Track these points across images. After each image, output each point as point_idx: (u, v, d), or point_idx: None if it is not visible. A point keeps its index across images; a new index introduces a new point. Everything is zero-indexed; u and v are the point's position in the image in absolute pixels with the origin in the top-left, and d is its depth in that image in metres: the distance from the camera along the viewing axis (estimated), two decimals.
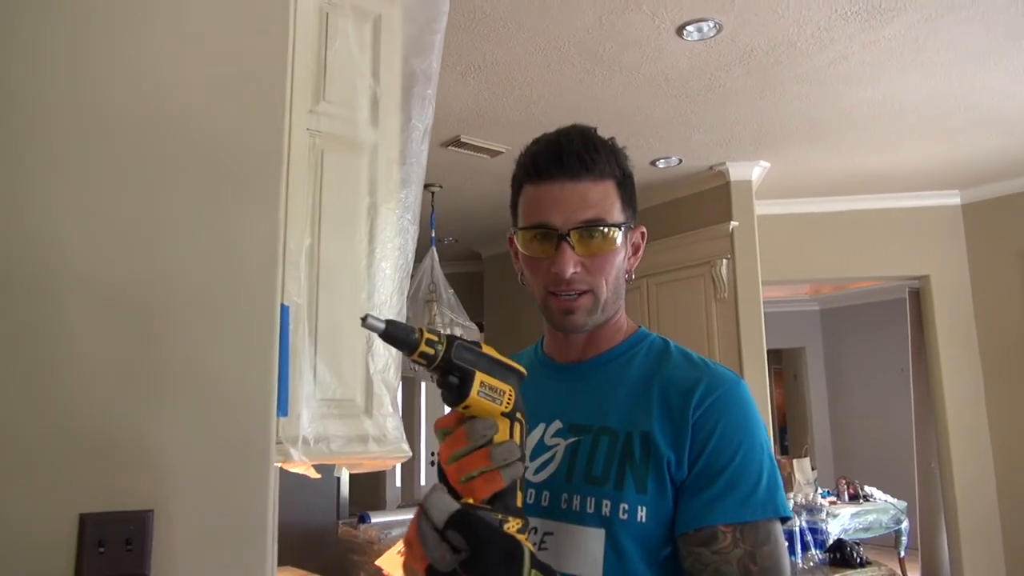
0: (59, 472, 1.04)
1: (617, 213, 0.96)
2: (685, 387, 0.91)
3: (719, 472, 0.86)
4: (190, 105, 1.21)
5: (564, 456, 0.93)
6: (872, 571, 2.40)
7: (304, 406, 1.40)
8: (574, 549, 0.88)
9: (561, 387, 1.01)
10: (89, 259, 1.09)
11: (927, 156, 4.33)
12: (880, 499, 6.41)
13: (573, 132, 0.98)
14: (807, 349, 9.36)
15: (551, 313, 0.96)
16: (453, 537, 0.69)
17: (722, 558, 0.84)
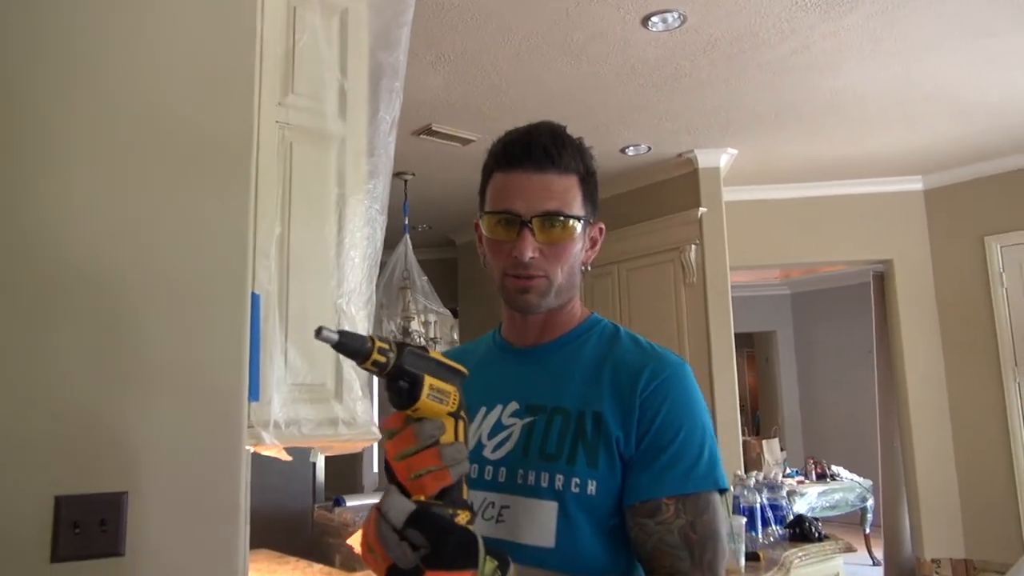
0: (34, 455, 1.07)
1: (578, 207, 1.01)
2: (633, 370, 0.97)
3: (663, 449, 0.93)
4: (159, 98, 1.24)
5: (520, 435, 0.99)
6: (829, 544, 2.50)
7: (275, 391, 1.44)
8: (529, 520, 0.93)
9: (518, 370, 1.06)
10: (63, 250, 1.12)
11: (890, 143, 4.44)
12: (847, 478, 6.59)
13: (543, 127, 1.04)
14: (778, 333, 9.53)
15: (508, 293, 1.01)
16: (412, 535, 0.73)
17: (665, 528, 0.91)
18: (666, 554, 0.90)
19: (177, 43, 1.26)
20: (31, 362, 1.08)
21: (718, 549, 0.92)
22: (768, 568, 2.13)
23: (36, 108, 1.13)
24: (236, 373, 1.27)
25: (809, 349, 9.32)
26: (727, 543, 0.98)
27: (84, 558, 1.09)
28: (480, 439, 1.01)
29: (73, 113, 1.15)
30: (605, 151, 4.42)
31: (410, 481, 0.79)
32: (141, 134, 1.21)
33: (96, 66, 1.18)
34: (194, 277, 1.24)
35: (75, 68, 1.16)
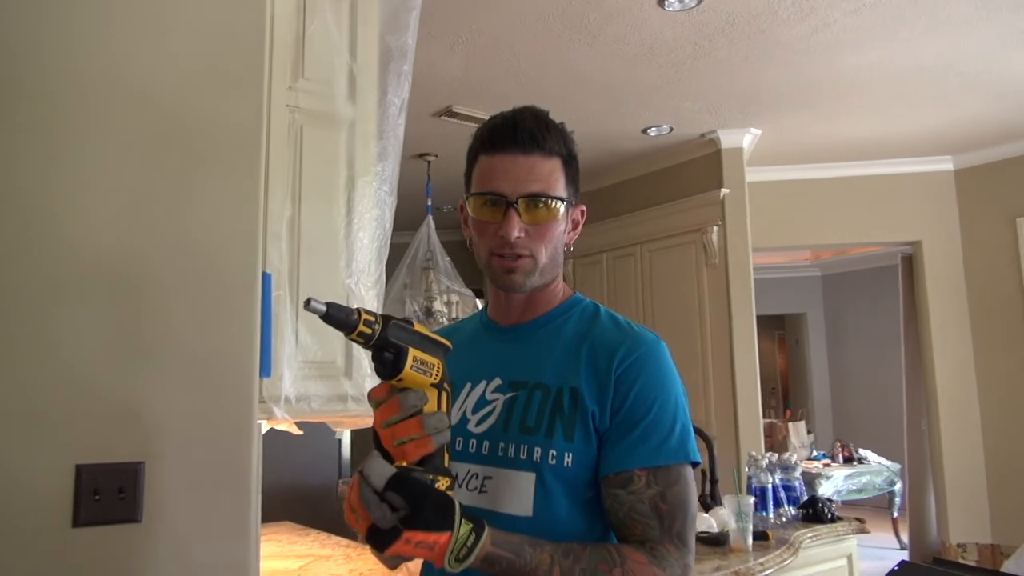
0: (57, 427, 1.14)
1: (561, 189, 1.05)
2: (610, 348, 1.01)
3: (636, 423, 0.96)
4: (172, 84, 1.28)
5: (503, 409, 1.03)
6: (842, 525, 2.50)
7: (286, 367, 1.50)
8: (509, 490, 0.98)
9: (502, 347, 1.10)
10: (82, 234, 1.18)
11: (919, 122, 4.36)
12: (874, 461, 6.54)
13: (527, 111, 1.07)
14: (808, 315, 9.42)
15: (494, 272, 1.05)
16: (392, 498, 0.78)
17: (636, 498, 0.94)
18: (637, 523, 0.94)
19: (189, 30, 1.31)
20: (53, 340, 1.14)
21: (687, 519, 0.96)
22: (777, 547, 2.15)
23: (51, 94, 1.18)
24: (248, 350, 1.32)
25: (840, 331, 9.22)
26: (696, 514, 1.01)
27: (103, 523, 1.15)
28: (465, 413, 1.05)
29: (87, 98, 1.20)
30: (626, 132, 4.41)
31: (394, 448, 0.83)
32: (154, 119, 1.26)
33: (108, 52, 1.23)
34: (207, 257, 1.29)
35: (93, 61, 1.21)
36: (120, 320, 1.20)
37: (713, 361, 4.54)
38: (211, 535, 1.25)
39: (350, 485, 0.81)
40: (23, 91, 1.16)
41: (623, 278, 5.13)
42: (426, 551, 0.79)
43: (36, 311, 1.14)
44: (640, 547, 0.92)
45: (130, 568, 1.17)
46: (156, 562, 1.19)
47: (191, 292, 1.26)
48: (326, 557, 2.07)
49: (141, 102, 1.25)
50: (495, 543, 0.85)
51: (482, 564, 0.83)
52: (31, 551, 1.10)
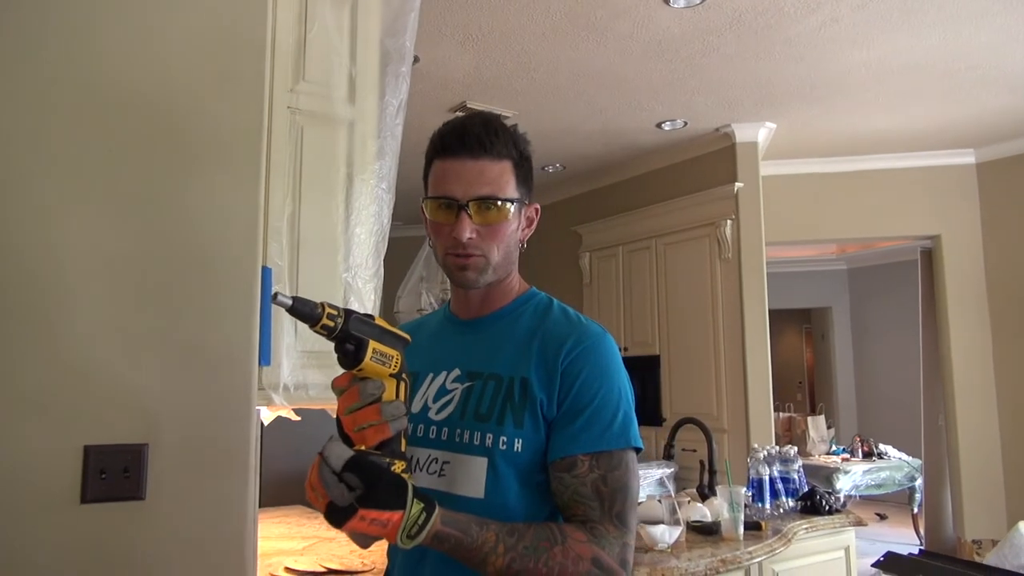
0: (66, 411, 1.22)
1: (512, 190, 1.10)
2: (558, 340, 1.07)
3: (580, 411, 1.02)
4: (176, 86, 1.35)
5: (460, 398, 1.09)
6: (839, 518, 2.52)
7: (285, 357, 1.57)
8: (464, 474, 1.04)
9: (461, 339, 1.16)
10: (89, 230, 1.26)
11: (935, 115, 4.33)
12: (895, 457, 6.49)
13: (477, 117, 1.13)
14: (834, 308, 9.34)
15: (449, 270, 1.11)
16: (349, 478, 0.84)
17: (579, 481, 1.01)
18: (579, 504, 1.00)
19: (193, 35, 1.37)
20: (63, 331, 1.22)
21: (627, 501, 1.02)
22: (769, 537, 2.18)
23: (55, 96, 1.25)
24: (247, 339, 1.39)
25: (865, 325, 9.12)
26: (638, 497, 1.07)
27: (109, 500, 1.23)
28: (427, 402, 1.12)
29: (91, 99, 1.28)
30: (641, 126, 4.44)
31: (354, 432, 0.90)
32: (159, 122, 1.33)
33: (116, 58, 1.30)
34: (210, 254, 1.36)
35: (93, 56, 1.28)
36: (125, 312, 1.27)
37: (726, 355, 4.56)
38: (210, 513, 1.32)
39: (312, 465, 0.88)
40: (25, 92, 1.23)
41: (638, 271, 5.16)
42: (379, 528, 0.85)
43: (46, 303, 1.21)
44: (581, 526, 0.99)
45: (134, 542, 1.25)
46: (159, 536, 1.27)
47: (194, 285, 1.33)
48: (330, 539, 2.15)
49: (146, 103, 1.32)
50: (444, 522, 0.91)
51: (432, 541, 0.90)
52: (43, 526, 1.18)
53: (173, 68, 1.35)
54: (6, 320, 1.19)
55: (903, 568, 1.76)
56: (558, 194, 5.84)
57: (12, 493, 1.17)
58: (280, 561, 1.86)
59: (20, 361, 1.19)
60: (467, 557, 0.93)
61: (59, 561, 1.19)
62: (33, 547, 1.18)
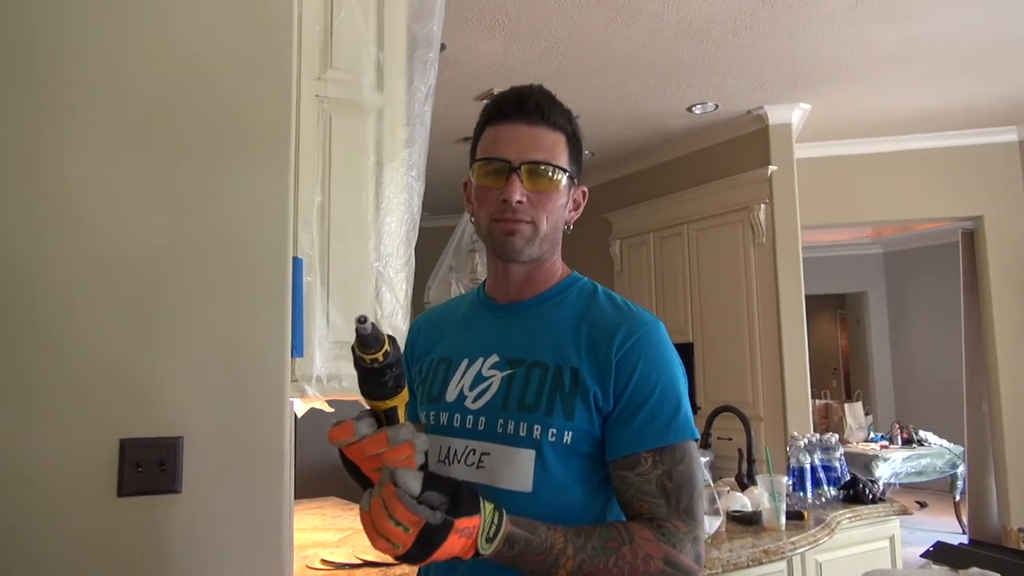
0: (101, 404, 1.22)
1: (564, 161, 1.06)
2: (609, 330, 1.02)
3: (640, 406, 0.98)
4: (204, 76, 1.34)
5: (500, 386, 1.04)
6: (883, 507, 2.46)
7: (317, 348, 1.56)
8: (508, 467, 1.00)
9: (499, 324, 1.11)
10: (121, 223, 1.25)
11: (976, 92, 4.19)
12: (936, 444, 6.36)
13: (535, 87, 1.09)
14: (869, 293, 9.16)
15: (494, 238, 1.05)
16: (430, 497, 0.81)
17: (643, 479, 0.97)
18: (644, 502, 0.96)
19: (220, 24, 1.36)
20: (94, 321, 1.22)
21: (694, 493, 0.98)
22: (812, 527, 2.13)
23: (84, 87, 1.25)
24: (280, 331, 1.38)
25: (902, 310, 8.93)
26: (703, 488, 1.03)
27: (145, 493, 1.24)
28: (462, 390, 1.07)
29: (119, 90, 1.27)
30: (671, 110, 4.36)
31: (375, 473, 0.86)
32: (187, 113, 1.32)
33: (144, 47, 1.29)
34: (240, 244, 1.35)
35: (127, 49, 1.28)
36: (158, 304, 1.27)
37: (761, 342, 4.48)
38: (246, 505, 1.31)
39: (370, 511, 0.82)
40: (55, 81, 1.22)
41: (670, 258, 5.09)
42: (466, 539, 0.83)
43: (79, 297, 1.21)
44: (648, 524, 0.95)
45: (171, 535, 1.25)
46: (195, 529, 1.26)
47: (226, 276, 1.33)
48: None
49: (174, 94, 1.31)
50: (513, 522, 0.88)
51: (503, 545, 0.86)
52: (81, 519, 1.19)
53: (200, 58, 1.34)
54: (39, 314, 1.19)
55: (953, 558, 1.70)
56: (587, 181, 5.69)
57: (50, 487, 1.17)
58: (316, 553, 1.86)
59: (54, 355, 1.19)
60: (535, 561, 0.89)
61: (97, 554, 1.20)
62: (71, 541, 1.18)
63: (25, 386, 1.17)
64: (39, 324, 1.18)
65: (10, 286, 1.17)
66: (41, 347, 1.18)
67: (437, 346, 1.15)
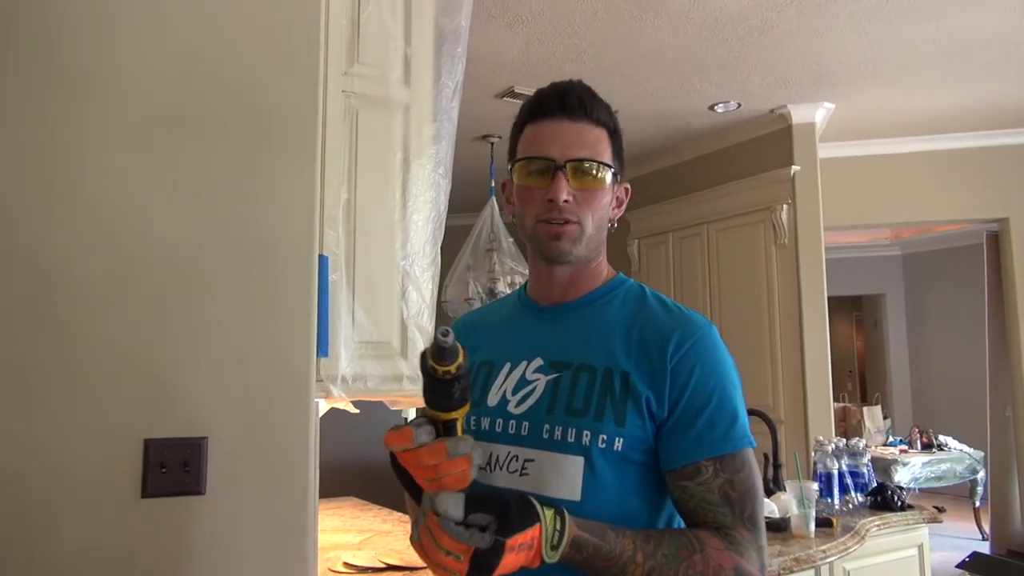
0: (126, 403, 1.20)
1: (608, 158, 1.03)
2: (662, 334, 0.98)
3: (698, 413, 0.94)
4: (232, 71, 1.32)
5: (545, 390, 1.01)
6: (912, 514, 2.41)
7: (343, 348, 1.53)
8: (556, 474, 0.96)
9: (543, 326, 1.07)
10: (145, 222, 1.23)
11: (1003, 92, 4.12)
12: (955, 448, 6.27)
13: (575, 82, 1.06)
14: (887, 295, 9.07)
15: (539, 240, 1.02)
16: (476, 519, 0.78)
17: (705, 488, 0.93)
18: (708, 511, 0.93)
19: (246, 18, 1.34)
20: (118, 319, 1.20)
21: (757, 502, 0.95)
22: (841, 535, 2.09)
23: (105, 83, 1.23)
24: (306, 330, 1.36)
25: (921, 313, 8.83)
26: (763, 494, 1.00)
27: (169, 495, 1.22)
28: (504, 394, 1.04)
29: (143, 84, 1.25)
30: (693, 109, 4.31)
31: (427, 483, 0.83)
32: (212, 107, 1.30)
33: (166, 39, 1.27)
34: (266, 242, 1.33)
35: (146, 40, 1.26)
36: (183, 301, 1.25)
37: (782, 344, 4.42)
38: (270, 507, 1.29)
39: (420, 540, 0.80)
40: (79, 72, 1.20)
41: (689, 258, 5.04)
42: (527, 552, 0.80)
43: (103, 294, 1.19)
44: (716, 532, 0.92)
45: (194, 538, 1.23)
46: (219, 532, 1.24)
47: (252, 274, 1.31)
48: (386, 532, 2.12)
49: (199, 90, 1.29)
50: (579, 525, 0.85)
51: (571, 550, 0.84)
52: (104, 520, 1.17)
53: (226, 52, 1.32)
54: (61, 312, 1.17)
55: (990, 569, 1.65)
56: None
57: (73, 488, 1.15)
58: (338, 555, 1.83)
59: (77, 355, 1.17)
60: (603, 568, 0.86)
61: (119, 556, 1.18)
62: (94, 542, 1.16)
63: (49, 385, 1.15)
64: (61, 322, 1.16)
65: (33, 284, 1.15)
66: (64, 346, 1.16)
67: (478, 349, 1.12)
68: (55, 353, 1.15)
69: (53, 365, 1.15)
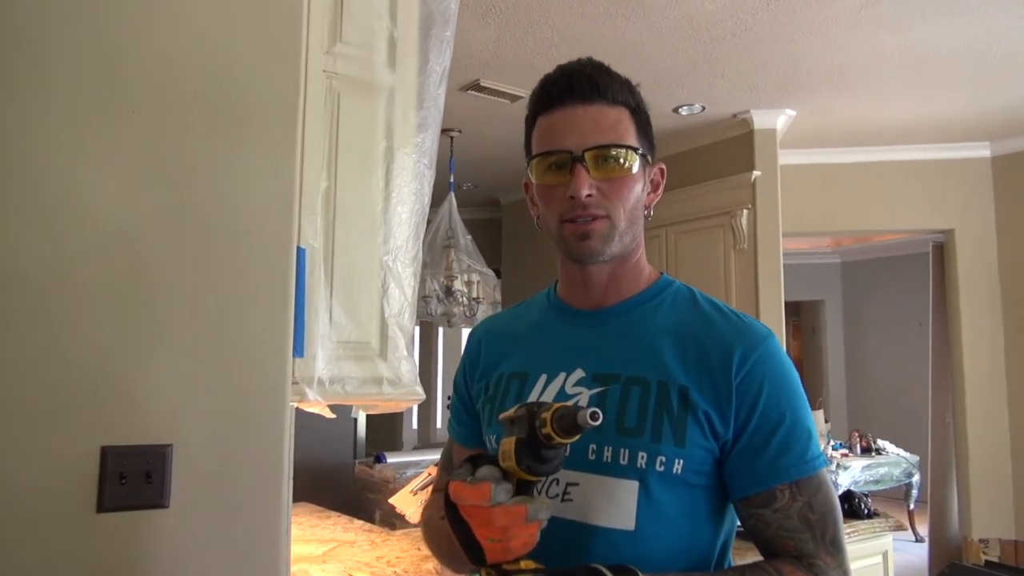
0: (81, 406, 1.07)
1: (632, 139, 0.93)
2: (724, 346, 0.90)
3: (771, 434, 0.87)
4: (206, 44, 1.20)
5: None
6: (879, 522, 2.43)
7: (320, 347, 1.42)
8: (606, 500, 0.87)
9: (582, 334, 0.97)
10: (107, 205, 1.10)
11: (959, 106, 4.22)
12: (892, 452, 6.45)
13: (583, 60, 0.96)
14: (826, 302, 9.30)
15: (566, 241, 0.93)
16: None
17: (783, 515, 0.86)
18: (788, 540, 0.86)
19: None
20: (75, 317, 1.07)
21: (838, 524, 0.88)
22: None
23: (75, 57, 1.10)
24: (281, 328, 1.26)
25: (858, 320, 9.09)
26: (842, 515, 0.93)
27: (129, 508, 1.09)
28: None
29: (117, 60, 1.12)
30: (658, 111, 4.25)
31: (490, 543, 0.74)
32: (185, 82, 1.18)
33: (143, 13, 1.15)
34: (239, 230, 1.22)
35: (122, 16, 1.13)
36: (146, 295, 1.13)
37: None
38: (241, 522, 1.19)
39: None
40: (37, 49, 1.07)
41: (648, 260, 5.02)
42: None
43: (57, 287, 1.06)
44: (797, 563, 0.85)
45: (156, 555, 1.11)
46: (183, 548, 1.13)
47: (224, 267, 1.19)
48: (350, 543, 2.00)
49: (171, 63, 1.17)
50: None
51: None
52: (54, 537, 1.04)
53: (200, 23, 1.20)
54: (9, 306, 1.03)
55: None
56: None
57: (19, 501, 1.02)
58: (304, 569, 1.71)
59: (27, 353, 1.03)
60: None
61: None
62: (43, 561, 1.03)
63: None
64: (8, 317, 1.03)
65: None
66: (11, 343, 1.03)
67: (507, 359, 1.01)
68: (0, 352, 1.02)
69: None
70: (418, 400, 1.57)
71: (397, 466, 3.13)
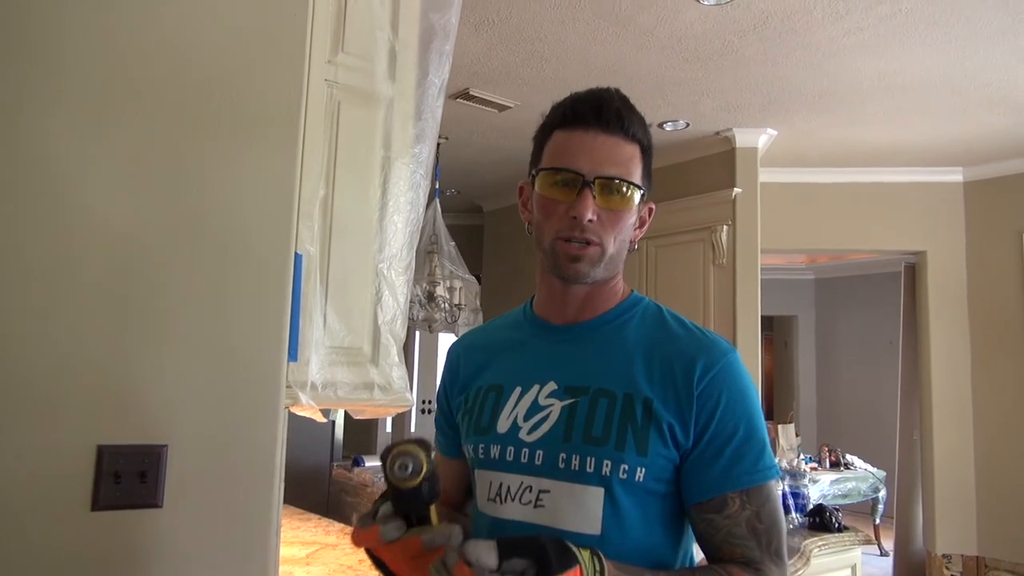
0: (78, 406, 1.08)
1: (638, 177, 0.98)
2: (687, 359, 0.94)
3: (725, 444, 0.91)
4: (209, 50, 1.22)
5: (560, 416, 0.95)
6: (849, 536, 2.48)
7: (313, 352, 1.44)
8: (573, 506, 0.91)
9: (555, 348, 1.02)
10: (107, 208, 1.11)
11: (934, 132, 4.33)
12: (860, 467, 6.57)
13: (614, 91, 1.01)
14: (799, 318, 9.44)
15: (558, 259, 0.97)
16: (513, 564, 0.73)
17: (732, 521, 0.90)
18: (736, 546, 0.91)
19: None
20: (73, 317, 1.08)
21: (782, 535, 0.93)
22: (789, 557, 2.12)
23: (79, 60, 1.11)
24: (276, 333, 1.27)
25: (830, 336, 9.24)
26: (786, 526, 0.98)
27: (123, 507, 1.10)
28: (516, 420, 0.98)
29: (120, 64, 1.14)
30: None
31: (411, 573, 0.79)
32: (188, 87, 1.19)
33: (147, 19, 1.16)
34: (238, 234, 1.23)
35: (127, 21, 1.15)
36: (143, 298, 1.14)
37: None
38: (232, 523, 1.20)
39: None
40: (39, 53, 1.08)
41: (627, 273, 5.05)
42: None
43: (56, 290, 1.08)
44: (745, 568, 0.89)
45: (149, 554, 1.13)
46: (175, 548, 1.14)
47: (222, 271, 1.21)
48: (332, 545, 2.02)
49: (175, 68, 1.19)
50: (616, 567, 0.81)
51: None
52: (49, 534, 1.05)
53: (204, 29, 1.21)
54: (5, 307, 1.04)
55: None
56: None
57: (15, 499, 1.03)
58: (289, 571, 1.73)
59: (24, 353, 1.04)
60: None
61: (66, 574, 1.05)
62: (37, 560, 1.04)
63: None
64: (7, 318, 1.04)
65: None
66: (11, 343, 1.04)
67: (484, 372, 1.05)
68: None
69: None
70: (407, 406, 1.59)
71: (375, 470, 3.14)
